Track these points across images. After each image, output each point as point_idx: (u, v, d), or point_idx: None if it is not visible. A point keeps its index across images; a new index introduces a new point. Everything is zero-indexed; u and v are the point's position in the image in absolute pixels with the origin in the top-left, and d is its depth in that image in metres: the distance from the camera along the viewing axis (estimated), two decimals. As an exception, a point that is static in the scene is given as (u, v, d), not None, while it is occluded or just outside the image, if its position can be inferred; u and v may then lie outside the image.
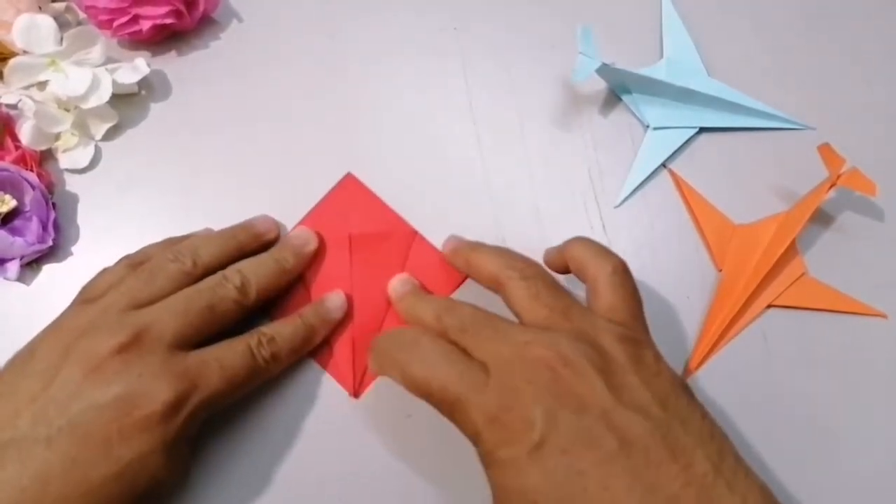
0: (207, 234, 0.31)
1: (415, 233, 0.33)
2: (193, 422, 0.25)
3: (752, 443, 0.30)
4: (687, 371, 0.31)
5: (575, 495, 0.21)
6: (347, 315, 0.31)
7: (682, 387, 0.24)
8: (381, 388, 0.30)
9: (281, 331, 0.29)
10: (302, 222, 0.32)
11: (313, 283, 0.31)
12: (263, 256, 0.30)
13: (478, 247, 0.29)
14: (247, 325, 0.30)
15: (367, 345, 0.30)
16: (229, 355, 0.27)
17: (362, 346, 0.31)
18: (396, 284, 0.31)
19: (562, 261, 0.29)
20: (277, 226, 0.32)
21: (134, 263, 0.29)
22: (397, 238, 0.32)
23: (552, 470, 0.21)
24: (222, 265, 0.29)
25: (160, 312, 0.26)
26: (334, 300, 0.31)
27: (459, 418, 0.23)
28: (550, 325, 0.25)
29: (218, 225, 0.31)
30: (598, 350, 0.23)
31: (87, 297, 0.27)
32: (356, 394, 0.30)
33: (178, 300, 0.27)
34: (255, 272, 0.29)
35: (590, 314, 0.25)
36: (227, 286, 0.28)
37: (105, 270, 0.29)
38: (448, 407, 0.23)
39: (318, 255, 0.32)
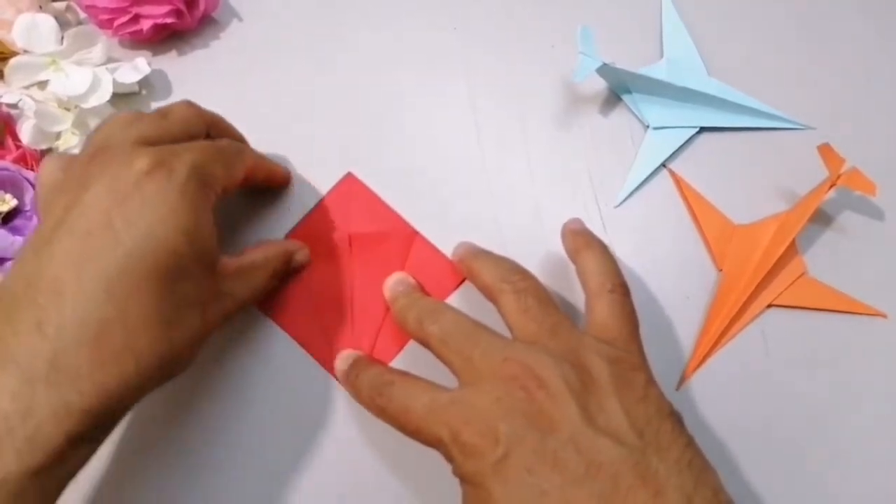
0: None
1: (415, 233, 0.33)
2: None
3: (751, 443, 0.30)
4: (687, 371, 0.31)
5: None
6: (348, 315, 0.31)
7: (668, 413, 0.24)
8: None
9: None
10: (302, 222, 0.32)
11: (313, 283, 0.31)
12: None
13: (480, 255, 0.29)
14: (243, 326, 0.31)
15: (367, 345, 0.31)
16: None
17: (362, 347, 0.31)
18: (391, 284, 0.31)
19: (572, 256, 0.29)
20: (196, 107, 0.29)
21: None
22: (397, 238, 0.32)
23: (516, 487, 0.21)
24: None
25: (177, 148, 0.25)
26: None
27: (428, 441, 0.23)
28: (537, 340, 0.25)
29: (219, 224, 0.31)
30: (581, 371, 0.23)
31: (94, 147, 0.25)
32: (356, 393, 0.30)
33: (194, 145, 0.26)
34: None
35: (579, 332, 0.25)
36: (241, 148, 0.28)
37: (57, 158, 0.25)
38: (421, 438, 0.24)
39: (318, 254, 0.32)
